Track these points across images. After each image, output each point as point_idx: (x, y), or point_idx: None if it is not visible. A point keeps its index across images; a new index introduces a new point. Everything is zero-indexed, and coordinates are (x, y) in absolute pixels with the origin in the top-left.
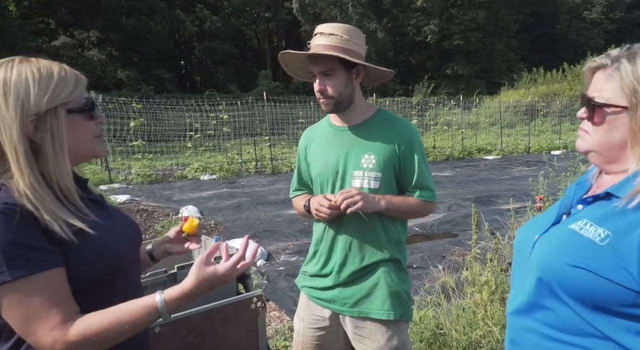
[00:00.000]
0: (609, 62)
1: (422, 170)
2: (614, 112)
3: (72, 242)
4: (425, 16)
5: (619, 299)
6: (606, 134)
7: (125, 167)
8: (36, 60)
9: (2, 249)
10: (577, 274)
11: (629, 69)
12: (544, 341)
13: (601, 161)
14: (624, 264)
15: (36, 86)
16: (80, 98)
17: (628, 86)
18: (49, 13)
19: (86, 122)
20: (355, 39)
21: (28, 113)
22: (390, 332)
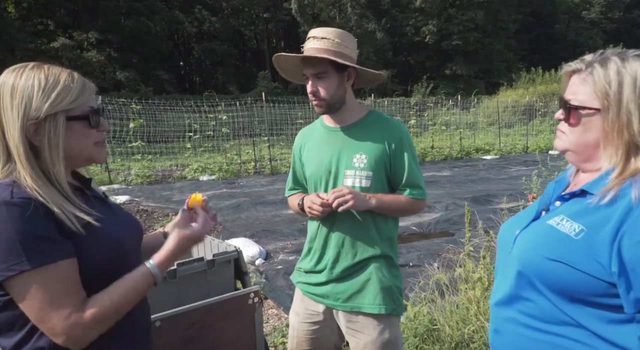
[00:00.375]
0: (583, 67)
1: (412, 169)
2: (588, 114)
3: (81, 234)
4: (424, 16)
5: (592, 290)
6: (581, 135)
7: (125, 168)
8: (48, 67)
9: (20, 239)
10: (554, 267)
11: (601, 73)
12: (524, 330)
13: (577, 160)
14: (596, 257)
15: (40, 92)
16: (84, 106)
17: (600, 90)
18: (47, 14)
19: (87, 129)
20: (347, 43)
21: (29, 117)
22: (382, 326)
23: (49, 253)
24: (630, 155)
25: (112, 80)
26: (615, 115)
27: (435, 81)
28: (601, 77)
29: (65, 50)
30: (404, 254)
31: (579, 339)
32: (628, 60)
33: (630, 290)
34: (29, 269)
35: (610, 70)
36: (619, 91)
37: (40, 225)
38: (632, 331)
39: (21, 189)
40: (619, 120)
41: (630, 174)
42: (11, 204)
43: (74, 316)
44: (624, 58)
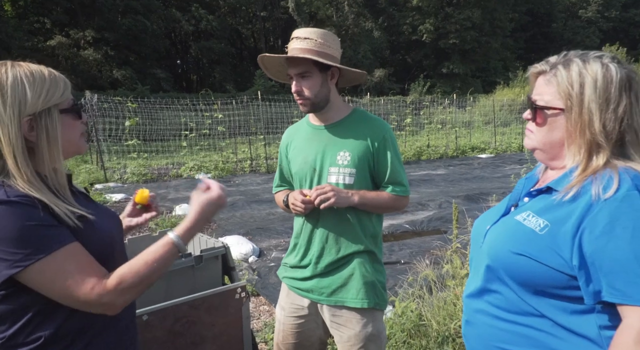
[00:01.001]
0: (548, 68)
1: (394, 167)
2: (553, 114)
3: (78, 228)
4: (421, 15)
5: (554, 282)
6: (547, 134)
7: (121, 166)
8: (26, 64)
9: (27, 231)
10: (520, 261)
11: (565, 75)
12: (492, 321)
13: (545, 158)
14: (559, 251)
15: (31, 88)
16: (68, 99)
17: (564, 90)
18: (44, 13)
19: (75, 121)
20: (330, 43)
21: (24, 113)
22: (365, 320)
23: (57, 239)
24: (592, 153)
25: (109, 78)
26: (577, 115)
27: (432, 80)
28: (564, 79)
29: (62, 49)
30: (395, 251)
31: (542, 328)
32: (589, 62)
33: (590, 282)
34: (44, 256)
35: (573, 72)
36: (581, 92)
37: (41, 216)
38: (592, 321)
39: (13, 189)
40: (581, 119)
41: (592, 171)
42: (10, 202)
43: (98, 286)
44: (585, 60)
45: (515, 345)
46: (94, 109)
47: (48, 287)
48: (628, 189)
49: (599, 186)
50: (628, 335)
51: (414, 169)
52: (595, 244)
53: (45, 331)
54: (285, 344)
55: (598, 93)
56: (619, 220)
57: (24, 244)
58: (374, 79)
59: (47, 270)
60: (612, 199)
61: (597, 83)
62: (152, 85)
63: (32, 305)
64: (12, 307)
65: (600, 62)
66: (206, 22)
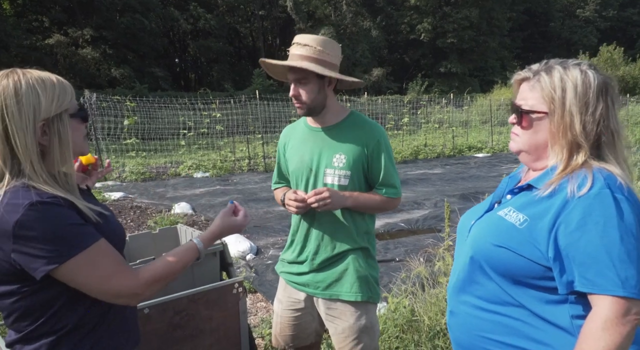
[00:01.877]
0: (531, 75)
1: (388, 170)
2: (537, 118)
3: (98, 223)
4: (418, 14)
5: (531, 273)
6: (532, 136)
7: (120, 164)
8: (34, 71)
9: (62, 229)
10: (500, 252)
11: (547, 80)
12: (474, 311)
13: (529, 160)
14: (536, 244)
15: (44, 94)
16: (75, 104)
17: (547, 95)
18: (43, 11)
19: (80, 124)
20: (329, 50)
21: (39, 119)
22: (359, 313)
23: (88, 236)
24: (572, 153)
25: (107, 77)
26: (560, 118)
27: (430, 79)
28: (547, 84)
29: (61, 47)
30: (391, 249)
31: (520, 318)
32: (569, 69)
33: (564, 273)
34: (79, 251)
35: (555, 78)
36: (563, 96)
37: (73, 216)
38: (565, 311)
39: (39, 190)
40: (563, 122)
41: (572, 169)
42: (44, 202)
43: (132, 279)
44: (565, 67)
45: (495, 334)
46: (92, 108)
47: (83, 281)
48: (600, 187)
49: (575, 184)
50: (596, 322)
51: (411, 168)
52: (570, 237)
53: (70, 320)
54: (283, 336)
55: (578, 97)
56: (591, 216)
57: (59, 242)
58: (372, 78)
59: (82, 266)
60: (586, 197)
61: (577, 88)
62: (150, 84)
63: (59, 297)
64: (41, 300)
65: (579, 69)
66: (204, 20)
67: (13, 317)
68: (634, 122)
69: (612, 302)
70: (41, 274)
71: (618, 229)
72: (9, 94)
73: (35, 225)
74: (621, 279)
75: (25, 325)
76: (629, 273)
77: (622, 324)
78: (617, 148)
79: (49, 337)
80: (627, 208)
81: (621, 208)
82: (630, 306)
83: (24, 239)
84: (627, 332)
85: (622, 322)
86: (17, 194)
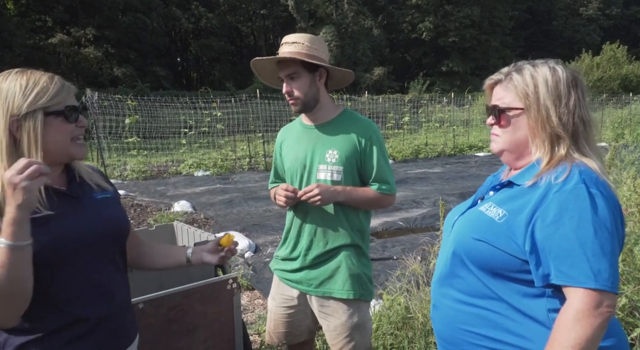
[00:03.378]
0: (503, 77)
1: (380, 165)
2: (515, 115)
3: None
4: (420, 13)
5: (510, 266)
6: (512, 134)
7: (121, 163)
8: (30, 72)
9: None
10: (479, 246)
11: (519, 79)
12: (454, 304)
13: (512, 159)
14: (513, 237)
15: (20, 92)
16: (61, 104)
17: (521, 91)
18: (46, 11)
19: (65, 125)
20: (317, 46)
21: (11, 113)
22: (352, 310)
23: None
24: (554, 145)
25: (110, 76)
26: (536, 112)
27: (431, 78)
28: (520, 82)
29: (63, 46)
30: (389, 247)
31: (498, 311)
32: (538, 66)
33: (540, 266)
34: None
35: (526, 75)
36: (536, 91)
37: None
38: (542, 304)
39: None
40: (540, 115)
41: (557, 161)
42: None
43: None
44: (534, 65)
45: (474, 326)
46: (94, 107)
47: None
48: (576, 182)
49: (552, 180)
50: (568, 313)
51: (411, 167)
52: (546, 231)
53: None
54: (276, 333)
55: (550, 90)
56: (567, 211)
57: None
58: (373, 77)
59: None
60: (562, 192)
61: (548, 82)
62: (152, 83)
63: None
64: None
65: (547, 66)
66: (206, 20)
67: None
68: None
69: (585, 295)
70: None
71: (592, 223)
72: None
73: None
74: (594, 272)
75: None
76: (601, 266)
77: (594, 316)
78: (590, 138)
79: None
80: (602, 203)
81: (596, 203)
82: (602, 299)
83: None
84: (598, 324)
85: (594, 314)
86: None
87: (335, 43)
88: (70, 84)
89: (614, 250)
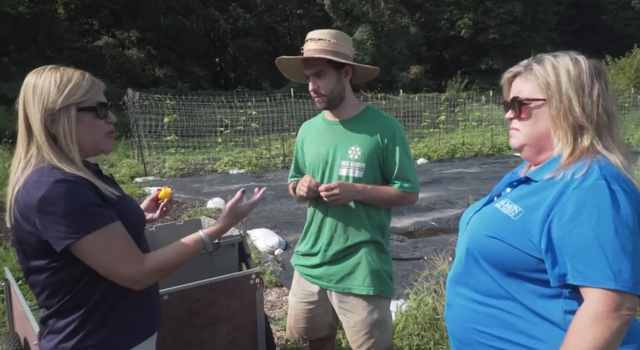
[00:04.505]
0: (522, 69)
1: (403, 163)
2: (536, 106)
3: (116, 204)
4: (459, 10)
5: (524, 265)
6: (533, 126)
7: (160, 161)
8: (63, 68)
9: (81, 207)
10: (493, 243)
11: (540, 69)
12: (468, 303)
13: (532, 153)
14: (529, 235)
15: (55, 88)
16: (92, 100)
17: (542, 82)
18: (93, 14)
19: (96, 120)
20: (342, 42)
21: (46, 109)
22: (371, 307)
23: (105, 216)
24: (577, 136)
25: (152, 77)
26: (558, 102)
27: (470, 76)
28: (541, 72)
29: (108, 48)
30: (420, 247)
31: (513, 311)
32: (559, 57)
33: (556, 265)
34: (94, 229)
35: (547, 66)
36: (558, 81)
37: (92, 195)
38: (558, 306)
39: (62, 170)
40: (562, 105)
41: (580, 152)
42: (67, 180)
43: (138, 265)
44: (555, 55)
45: (487, 326)
46: (135, 106)
47: (94, 259)
48: (596, 178)
49: (570, 175)
50: (585, 315)
51: (446, 167)
52: (563, 229)
53: (92, 298)
54: (297, 328)
55: (572, 80)
56: (585, 208)
57: (78, 218)
58: (409, 76)
59: (95, 244)
60: (580, 188)
61: (570, 72)
62: (191, 83)
63: (84, 275)
64: (67, 276)
65: (569, 57)
66: (243, 20)
67: (45, 294)
68: None
69: (603, 295)
70: (60, 247)
71: (612, 221)
72: (29, 86)
73: (57, 201)
74: (614, 272)
75: (55, 300)
76: (622, 266)
77: (613, 318)
78: (614, 131)
79: (78, 312)
80: (624, 199)
81: (617, 200)
82: (622, 300)
83: (47, 213)
84: (617, 327)
85: (613, 317)
86: (43, 173)
87: (372, 42)
88: (100, 81)
89: (637, 250)
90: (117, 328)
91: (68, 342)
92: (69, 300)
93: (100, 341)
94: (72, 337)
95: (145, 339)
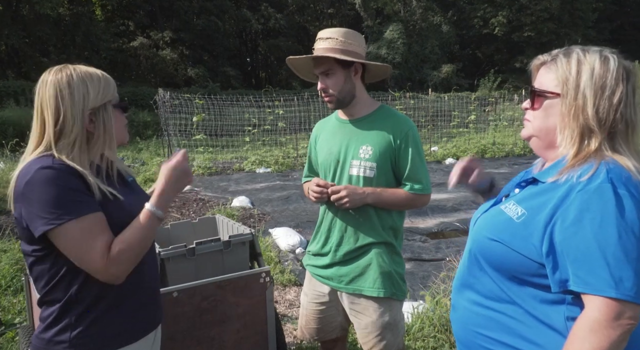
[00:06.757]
0: (549, 58)
1: (415, 164)
2: (549, 100)
3: (103, 201)
4: (493, 7)
5: (525, 269)
6: (543, 119)
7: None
8: (88, 67)
9: (65, 194)
10: (493, 246)
11: (564, 62)
12: (471, 306)
13: (540, 146)
14: (530, 239)
15: (92, 86)
16: (116, 96)
17: (561, 76)
18: (129, 16)
19: (121, 115)
20: (352, 40)
21: (88, 107)
22: (382, 309)
23: (85, 205)
24: (584, 138)
25: (184, 76)
26: (572, 99)
27: (503, 75)
28: (563, 65)
29: (143, 49)
30: (442, 248)
31: (513, 315)
32: (589, 52)
33: (557, 270)
34: (73, 217)
35: (572, 59)
36: (578, 77)
37: (74, 182)
38: (561, 311)
39: (57, 159)
40: (575, 104)
41: (586, 155)
42: (51, 167)
43: (104, 257)
44: (585, 50)
45: (489, 330)
46: (165, 106)
47: (70, 248)
48: (602, 181)
49: (576, 178)
50: (584, 323)
51: None
52: (565, 233)
53: (72, 290)
54: (308, 328)
55: (594, 80)
56: (588, 212)
57: (58, 205)
58: (440, 75)
59: (72, 232)
60: (585, 191)
61: (594, 71)
62: (222, 83)
63: (61, 267)
64: (47, 266)
65: (599, 53)
66: (274, 20)
67: (34, 278)
68: None
69: (603, 304)
70: (38, 233)
71: (616, 226)
72: (63, 84)
73: (39, 187)
74: (615, 280)
75: (40, 288)
76: (624, 273)
77: (612, 327)
78: (630, 140)
79: (56, 305)
80: (630, 204)
81: (622, 204)
82: (623, 309)
83: (28, 199)
84: (616, 336)
85: (612, 326)
86: (39, 160)
87: (402, 41)
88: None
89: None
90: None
91: (46, 333)
92: (49, 292)
93: (73, 340)
94: (50, 328)
95: (124, 346)
